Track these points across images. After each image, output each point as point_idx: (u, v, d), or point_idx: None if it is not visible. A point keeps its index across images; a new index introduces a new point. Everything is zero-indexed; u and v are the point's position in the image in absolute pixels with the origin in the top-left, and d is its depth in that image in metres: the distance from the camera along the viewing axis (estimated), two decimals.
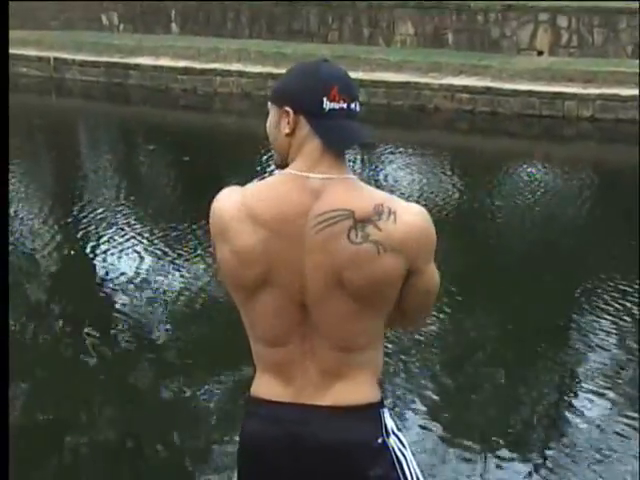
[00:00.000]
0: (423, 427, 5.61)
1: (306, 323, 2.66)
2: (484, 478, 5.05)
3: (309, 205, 2.57)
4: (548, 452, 5.33)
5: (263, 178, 2.70)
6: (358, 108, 2.63)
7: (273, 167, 2.77)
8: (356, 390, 2.70)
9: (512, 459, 5.24)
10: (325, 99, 2.59)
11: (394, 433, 2.76)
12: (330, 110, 2.59)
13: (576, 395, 6.08)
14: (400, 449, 2.75)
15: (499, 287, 8.19)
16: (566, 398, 6.11)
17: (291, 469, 2.71)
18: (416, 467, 2.78)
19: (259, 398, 2.77)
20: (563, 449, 5.34)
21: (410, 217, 2.61)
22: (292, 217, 2.58)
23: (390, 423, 2.77)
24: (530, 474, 5.07)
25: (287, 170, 2.65)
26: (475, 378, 6.51)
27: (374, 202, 2.58)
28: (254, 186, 2.68)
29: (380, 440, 2.71)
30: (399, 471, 2.72)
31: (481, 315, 7.64)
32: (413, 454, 2.81)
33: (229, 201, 2.67)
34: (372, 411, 2.73)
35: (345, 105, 2.59)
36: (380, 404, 2.76)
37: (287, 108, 2.62)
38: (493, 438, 5.54)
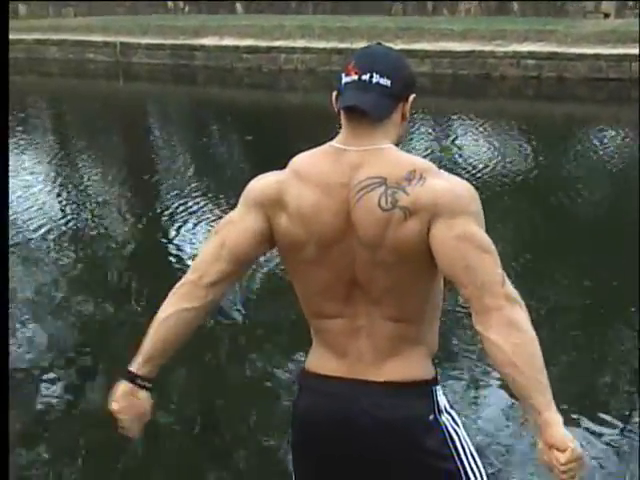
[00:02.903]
0: (496, 397, 5.60)
1: (358, 299, 2.67)
2: None
3: (349, 177, 2.59)
4: (627, 422, 5.25)
5: None
6: (375, 80, 2.59)
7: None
8: (409, 367, 2.71)
9: (590, 428, 5.17)
10: (343, 75, 2.65)
11: (447, 411, 2.76)
12: (345, 84, 2.63)
13: None
14: (453, 427, 2.74)
15: (572, 253, 8.13)
16: None
17: (344, 443, 2.72)
18: (470, 445, 2.77)
19: (312, 372, 2.80)
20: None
21: (439, 181, 2.57)
22: (334, 187, 2.60)
23: (443, 401, 2.76)
24: (610, 445, 5.01)
25: (329, 143, 2.69)
26: (550, 346, 6.46)
27: (408, 168, 2.58)
28: (298, 157, 2.71)
29: (432, 417, 2.71)
30: (452, 448, 2.72)
31: (557, 281, 7.59)
32: (467, 432, 2.80)
33: (274, 174, 2.72)
34: (424, 388, 2.73)
35: (356, 77, 2.60)
36: (433, 381, 2.76)
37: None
38: (570, 408, 5.48)
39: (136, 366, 2.77)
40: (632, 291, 7.18)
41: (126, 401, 2.78)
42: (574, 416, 5.28)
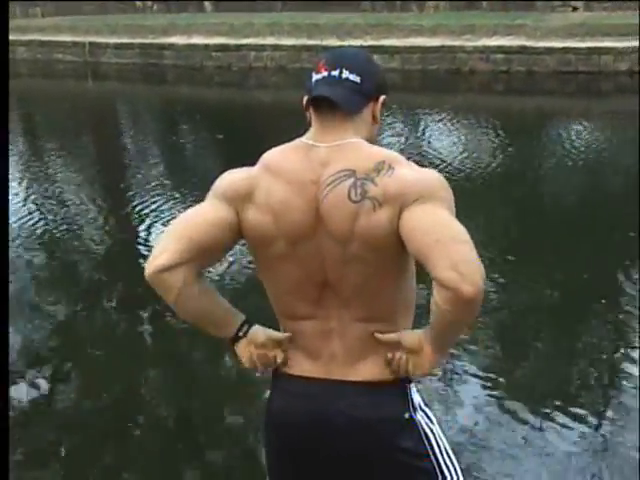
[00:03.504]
0: (475, 391, 5.61)
1: (329, 301, 2.67)
2: (538, 440, 5.04)
3: (318, 173, 2.59)
4: (602, 414, 5.25)
5: None
6: (345, 75, 2.60)
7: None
8: (382, 365, 2.69)
9: (565, 421, 5.16)
10: (314, 73, 2.66)
11: (421, 409, 2.76)
12: (315, 81, 2.64)
13: (629, 356, 5.97)
14: (428, 424, 2.75)
15: (543, 247, 8.15)
16: (619, 359, 6.01)
17: (320, 443, 2.72)
18: (445, 442, 2.78)
19: (285, 373, 2.79)
20: (617, 412, 5.24)
21: (408, 171, 2.57)
22: (303, 184, 2.59)
23: (417, 398, 2.77)
24: (585, 438, 5.02)
25: (299, 138, 2.69)
26: (525, 340, 6.48)
27: (376, 160, 2.58)
28: (269, 153, 2.70)
29: (407, 415, 2.71)
30: (427, 446, 2.73)
31: (528, 275, 7.61)
32: (442, 429, 2.80)
33: (245, 169, 2.70)
34: (399, 387, 2.72)
35: (326, 73, 2.62)
36: (407, 380, 2.75)
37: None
38: (545, 401, 5.50)
39: (228, 333, 2.75)
40: (603, 283, 7.22)
41: (247, 350, 2.77)
42: (546, 410, 5.30)
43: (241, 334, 2.74)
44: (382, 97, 2.69)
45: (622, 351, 6.05)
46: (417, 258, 2.50)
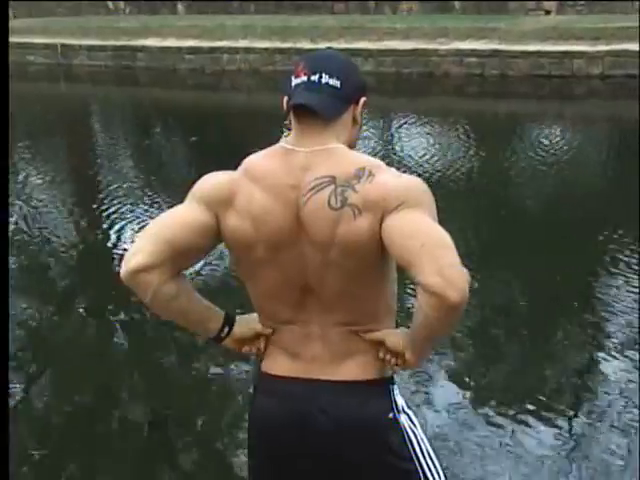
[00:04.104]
0: (448, 394, 5.61)
1: (311, 307, 2.67)
2: (511, 443, 5.04)
3: (299, 179, 2.58)
4: (575, 417, 5.25)
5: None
6: (325, 80, 2.59)
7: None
8: (366, 366, 2.70)
9: (538, 424, 5.18)
10: (293, 77, 2.64)
11: (404, 411, 2.76)
12: (295, 86, 2.63)
13: (602, 359, 6.00)
14: (410, 427, 2.75)
15: (517, 250, 8.16)
16: (591, 362, 6.03)
17: (302, 443, 2.71)
18: (428, 445, 2.78)
19: (269, 374, 2.79)
20: (590, 415, 5.26)
21: (388, 177, 2.56)
22: (283, 189, 2.58)
23: (400, 400, 2.76)
24: (557, 441, 5.01)
25: (279, 143, 2.68)
26: (498, 343, 6.49)
27: (357, 166, 2.57)
28: (251, 157, 2.68)
29: (391, 415, 2.72)
30: (410, 447, 2.73)
31: (499, 280, 7.62)
32: (424, 432, 2.80)
33: (227, 173, 2.69)
34: (382, 387, 2.73)
35: (305, 78, 2.61)
36: (390, 380, 2.76)
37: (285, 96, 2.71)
38: (518, 404, 5.50)
39: (209, 331, 2.78)
40: (576, 286, 7.24)
41: (240, 342, 2.82)
42: (519, 413, 5.30)
43: (223, 335, 2.77)
44: (362, 99, 2.68)
45: (596, 353, 6.06)
46: (400, 263, 2.50)
